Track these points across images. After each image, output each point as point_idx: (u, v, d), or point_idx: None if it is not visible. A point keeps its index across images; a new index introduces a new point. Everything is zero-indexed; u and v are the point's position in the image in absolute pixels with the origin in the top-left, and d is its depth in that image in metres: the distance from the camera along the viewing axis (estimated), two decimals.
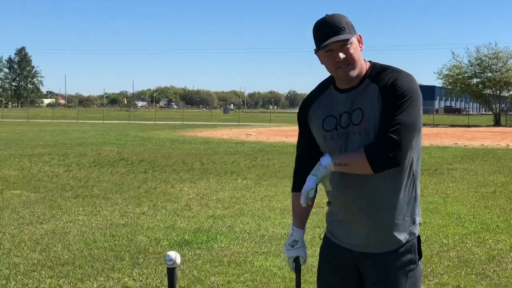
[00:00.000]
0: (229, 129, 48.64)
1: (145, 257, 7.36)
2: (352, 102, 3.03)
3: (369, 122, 2.94)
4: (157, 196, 12.17)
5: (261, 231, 8.84)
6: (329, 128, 3.08)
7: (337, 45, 2.96)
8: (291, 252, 3.31)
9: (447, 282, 6.40)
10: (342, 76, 3.02)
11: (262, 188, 13.49)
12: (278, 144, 29.55)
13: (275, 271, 6.77)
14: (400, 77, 2.97)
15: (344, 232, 3.15)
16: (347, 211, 3.08)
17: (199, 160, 20.33)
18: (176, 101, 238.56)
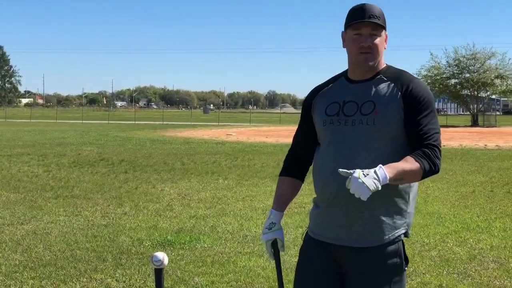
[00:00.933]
0: (209, 129, 48.59)
1: (128, 258, 7.33)
2: (362, 93, 3.07)
3: (380, 115, 2.99)
4: (138, 196, 12.13)
5: (243, 231, 8.84)
6: (331, 113, 3.11)
7: (369, 30, 3.03)
8: (268, 235, 3.28)
9: (430, 281, 6.45)
10: (361, 62, 3.06)
11: (244, 188, 13.50)
12: (258, 144, 29.57)
13: (259, 271, 6.78)
14: (421, 84, 3.08)
15: (326, 225, 3.11)
16: (335, 199, 3.02)
17: (180, 160, 20.30)
18: (155, 101, 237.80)
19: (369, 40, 3.03)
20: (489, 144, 30.40)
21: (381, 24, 3.03)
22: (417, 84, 3.06)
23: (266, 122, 68.27)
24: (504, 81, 62.54)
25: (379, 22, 3.02)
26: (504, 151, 25.47)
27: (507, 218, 9.98)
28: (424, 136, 2.97)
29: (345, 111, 3.07)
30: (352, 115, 3.04)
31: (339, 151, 3.05)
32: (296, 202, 11.00)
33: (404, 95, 3.02)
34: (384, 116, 2.99)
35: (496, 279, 6.53)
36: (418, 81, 3.10)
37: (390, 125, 3.00)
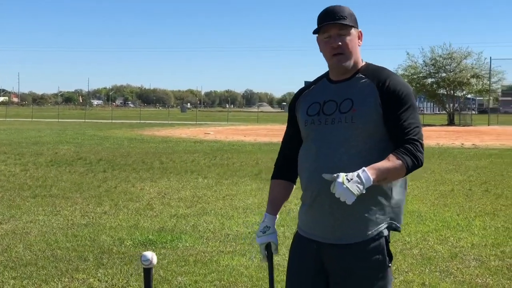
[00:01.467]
0: (187, 128, 48.45)
1: (110, 257, 7.27)
2: (342, 92, 3.11)
3: (357, 112, 3.02)
4: (118, 195, 12.05)
5: (225, 230, 8.81)
6: (312, 113, 3.16)
7: (336, 31, 3.08)
8: (262, 239, 3.32)
9: (412, 279, 6.47)
10: (334, 64, 3.13)
11: (224, 187, 13.46)
12: (236, 143, 29.54)
13: (242, 270, 6.75)
14: (399, 79, 3.10)
15: (311, 223, 3.15)
16: (318, 198, 3.07)
17: (159, 159, 20.21)
18: (132, 99, 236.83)
19: (338, 40, 3.08)
20: (465, 143, 30.63)
21: (349, 23, 3.08)
22: (394, 79, 3.09)
23: (244, 121, 68.22)
24: (479, 80, 63.04)
25: (345, 22, 3.06)
26: (480, 150, 25.66)
27: (487, 217, 10.04)
28: (405, 131, 2.98)
29: (325, 111, 3.12)
30: (331, 114, 3.09)
31: (319, 149, 3.09)
32: None
33: (381, 91, 3.04)
34: (361, 113, 3.02)
35: (478, 277, 6.56)
36: (396, 77, 3.12)
37: (368, 122, 3.02)
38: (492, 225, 9.37)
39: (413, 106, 3.05)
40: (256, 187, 13.41)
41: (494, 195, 12.53)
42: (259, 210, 10.49)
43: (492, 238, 8.42)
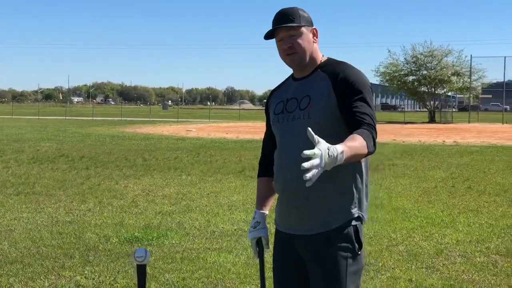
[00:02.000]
0: (169, 125, 48.29)
1: (96, 255, 7.23)
2: (302, 89, 3.22)
3: (314, 108, 3.12)
4: (101, 193, 12.00)
5: (211, 227, 8.80)
6: (278, 112, 3.29)
7: (285, 33, 3.18)
8: (253, 233, 3.40)
9: (399, 275, 6.49)
10: (288, 63, 3.25)
11: (208, 184, 13.45)
12: (219, 140, 29.52)
13: (229, 267, 6.75)
14: (353, 71, 3.16)
15: (282, 216, 3.28)
16: (285, 192, 3.20)
17: (141, 156, 20.14)
18: (113, 97, 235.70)
19: (289, 41, 3.17)
20: (447, 140, 30.79)
21: (297, 24, 3.16)
22: (348, 71, 3.15)
23: (226, 118, 68.13)
24: (460, 78, 63.45)
25: (292, 24, 3.15)
26: (462, 147, 25.82)
27: (470, 213, 10.11)
28: (359, 118, 3.00)
29: (287, 108, 3.25)
30: (293, 111, 3.20)
31: (283, 146, 3.22)
32: None
33: (334, 84, 3.11)
34: (317, 109, 3.11)
35: (464, 273, 6.60)
36: (351, 69, 3.18)
37: (323, 117, 3.09)
38: (476, 221, 9.43)
39: (366, 95, 3.08)
40: (240, 184, 13.41)
41: (477, 192, 12.61)
42: (244, 207, 10.50)
43: (477, 235, 8.48)
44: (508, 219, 9.61)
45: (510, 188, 13.17)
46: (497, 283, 6.24)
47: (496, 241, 8.14)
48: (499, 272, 6.66)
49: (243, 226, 8.86)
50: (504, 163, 18.92)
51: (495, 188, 13.22)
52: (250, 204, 10.80)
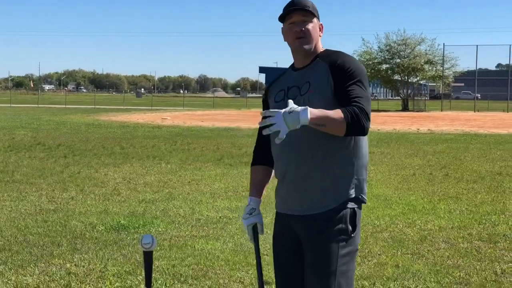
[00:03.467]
0: (143, 113, 48.07)
1: (83, 243, 7.24)
2: (302, 77, 3.34)
3: (314, 93, 3.24)
4: (82, 181, 11.97)
5: (196, 215, 8.84)
6: (278, 100, 3.39)
7: (300, 17, 3.31)
8: (249, 220, 3.49)
9: (386, 262, 6.59)
10: (297, 46, 3.34)
11: (188, 172, 13.46)
12: (195, 128, 29.50)
13: (218, 254, 6.79)
14: (350, 58, 3.31)
15: (282, 198, 3.40)
16: (286, 174, 3.32)
17: (119, 144, 20.09)
18: (85, 84, 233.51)
19: (301, 25, 3.31)
20: (421, 128, 31.05)
21: (311, 11, 3.32)
22: (346, 58, 3.29)
23: (200, 106, 67.96)
24: (433, 66, 63.94)
25: (309, 9, 3.31)
26: (436, 135, 26.08)
27: (450, 200, 10.26)
28: (352, 99, 3.13)
29: (289, 95, 3.34)
30: (295, 98, 3.24)
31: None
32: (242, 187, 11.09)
33: (332, 70, 3.24)
34: (317, 94, 3.23)
35: (449, 259, 6.72)
36: (348, 57, 3.32)
37: (322, 101, 3.18)
38: (456, 208, 9.58)
39: (361, 82, 3.22)
40: (221, 172, 13.45)
41: (454, 179, 12.78)
42: (226, 195, 10.55)
43: (458, 221, 8.61)
44: (487, 206, 9.77)
45: (486, 175, 13.36)
46: (482, 268, 6.36)
47: (477, 227, 8.28)
48: (483, 257, 6.78)
49: (228, 214, 8.91)
50: (478, 150, 19.16)
51: (472, 175, 13.41)
52: (232, 192, 10.85)
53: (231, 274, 6.11)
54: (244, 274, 6.10)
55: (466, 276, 6.11)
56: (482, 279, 6.03)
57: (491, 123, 36.93)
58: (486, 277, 6.09)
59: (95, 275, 6.03)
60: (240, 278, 5.98)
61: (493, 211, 9.35)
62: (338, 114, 3.02)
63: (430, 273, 6.18)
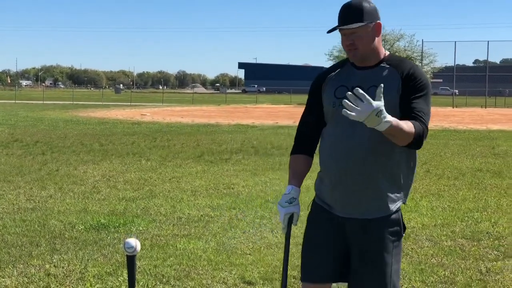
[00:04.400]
0: (123, 109, 47.77)
1: (63, 243, 7.10)
2: (367, 79, 3.33)
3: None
4: (61, 179, 11.80)
5: (177, 213, 8.72)
6: (340, 96, 3.29)
7: (348, 31, 3.30)
8: (288, 209, 3.44)
9: None
10: (350, 57, 3.39)
11: (168, 169, 13.34)
12: (175, 124, 29.34)
13: (200, 254, 6.69)
14: (419, 69, 3.37)
15: (334, 200, 3.41)
16: (345, 177, 3.32)
17: (98, 141, 19.89)
18: (62, 80, 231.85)
19: (350, 38, 3.30)
20: None
21: (358, 25, 3.25)
22: (416, 69, 3.34)
23: (179, 102, 67.73)
24: (412, 62, 64.12)
25: (353, 26, 3.25)
26: None
27: (432, 197, 10.24)
28: (416, 114, 3.23)
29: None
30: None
31: (344, 131, 3.30)
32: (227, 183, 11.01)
33: (403, 79, 3.29)
34: (385, 100, 3.14)
35: (433, 257, 6.67)
36: (418, 67, 3.38)
37: (389, 107, 3.13)
38: (438, 205, 9.55)
39: (427, 96, 3.30)
40: (201, 170, 13.34)
41: (435, 175, 12.78)
42: (208, 192, 10.45)
43: (441, 219, 8.58)
44: (469, 203, 9.76)
45: (467, 172, 13.38)
46: (467, 267, 6.32)
47: (460, 224, 8.25)
48: (467, 256, 6.74)
49: (209, 212, 8.81)
50: (458, 147, 19.23)
51: (453, 171, 13.42)
52: (213, 189, 10.75)
53: (214, 274, 6.01)
54: (227, 274, 6.01)
55: (451, 275, 6.06)
56: (468, 278, 5.99)
57: (470, 119, 37.16)
58: (471, 276, 6.05)
59: (75, 277, 5.91)
60: (223, 279, 5.88)
61: (475, 208, 9.33)
62: (410, 129, 3.10)
63: (415, 272, 6.13)
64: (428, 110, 3.27)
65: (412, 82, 3.27)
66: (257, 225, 8.05)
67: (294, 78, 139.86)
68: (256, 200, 9.73)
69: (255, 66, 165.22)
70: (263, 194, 10.30)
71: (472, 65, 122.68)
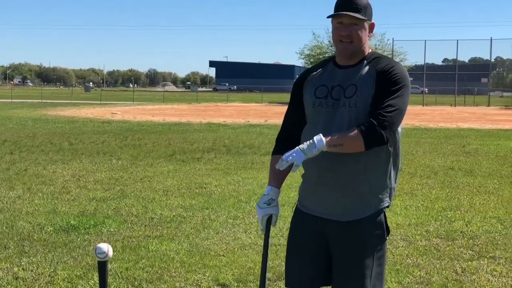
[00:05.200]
0: (93, 107, 47.30)
1: (31, 245, 6.93)
2: (347, 78, 3.29)
3: (360, 97, 3.21)
4: (29, 178, 11.57)
5: (149, 214, 8.58)
6: (320, 96, 3.32)
7: (349, 20, 3.23)
8: (266, 210, 3.40)
9: None
10: (340, 49, 3.30)
11: (139, 169, 13.17)
12: (146, 123, 29.10)
13: (173, 255, 6.56)
14: (397, 65, 3.28)
15: (314, 201, 3.37)
16: (324, 178, 3.28)
17: (67, 140, 19.63)
18: (31, 78, 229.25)
19: (349, 29, 3.24)
20: None
21: (362, 16, 3.23)
22: (393, 65, 3.27)
23: (150, 101, 67.29)
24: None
25: (359, 15, 3.21)
26: None
27: (405, 196, 10.21)
28: (377, 106, 3.14)
29: (333, 95, 3.30)
30: (338, 99, 3.26)
31: (325, 131, 3.19)
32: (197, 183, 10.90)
33: (378, 75, 3.22)
34: (363, 98, 3.19)
35: (409, 258, 6.62)
36: (395, 63, 3.30)
37: (367, 106, 3.18)
38: (412, 204, 9.52)
39: (401, 90, 3.19)
40: (173, 169, 13.19)
41: (408, 174, 12.77)
42: (180, 192, 10.32)
43: (415, 218, 8.54)
44: (442, 202, 9.75)
45: (439, 170, 13.40)
46: (442, 267, 6.28)
47: (434, 224, 8.22)
48: (442, 256, 6.71)
49: (182, 212, 8.68)
50: (429, 145, 19.29)
51: (425, 170, 13.43)
52: (186, 189, 10.62)
53: (188, 276, 5.90)
54: (201, 276, 5.89)
55: (427, 276, 6.02)
56: (443, 278, 5.95)
57: (440, 117, 37.40)
58: (447, 276, 6.01)
59: (44, 280, 5.75)
60: (197, 281, 5.77)
61: (448, 207, 9.32)
62: (352, 131, 3.07)
63: (391, 273, 6.07)
64: (399, 103, 3.16)
65: (386, 78, 3.19)
66: (230, 225, 7.95)
67: (265, 77, 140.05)
68: (228, 200, 9.62)
69: (226, 65, 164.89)
70: (236, 193, 10.19)
71: (441, 63, 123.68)
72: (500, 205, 9.51)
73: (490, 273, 6.12)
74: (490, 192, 10.65)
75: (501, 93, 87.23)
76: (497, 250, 6.95)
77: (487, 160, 15.29)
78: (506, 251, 6.94)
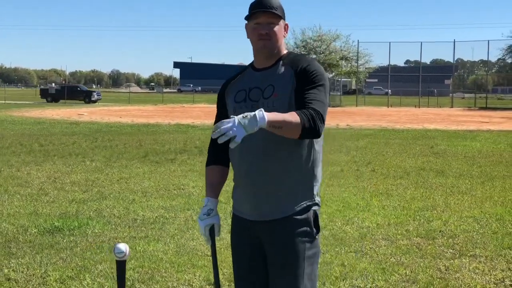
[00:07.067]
0: (58, 108, 46.84)
1: (18, 246, 6.93)
2: (265, 79, 3.30)
3: (278, 97, 3.21)
4: (5, 180, 11.50)
5: (131, 215, 8.61)
6: (239, 100, 3.34)
7: (265, 19, 3.27)
8: (206, 221, 3.39)
9: (331, 261, 6.57)
10: (260, 48, 3.30)
11: (115, 170, 13.15)
12: (114, 124, 28.95)
13: (161, 256, 6.62)
14: (314, 63, 3.30)
15: (241, 203, 3.38)
16: (246, 178, 3.28)
17: (37, 141, 19.49)
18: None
19: (266, 28, 3.28)
20: (340, 123, 31.37)
21: (279, 14, 3.28)
22: (309, 63, 3.28)
23: (115, 102, 66.83)
24: (348, 62, 64.97)
25: (276, 12, 3.27)
26: (356, 131, 26.43)
27: (382, 196, 10.38)
28: (308, 102, 3.12)
29: (251, 97, 3.30)
30: (257, 100, 3.26)
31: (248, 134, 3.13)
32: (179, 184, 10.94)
33: (296, 74, 3.24)
34: (281, 98, 3.22)
35: (392, 257, 6.76)
36: (313, 62, 3.32)
37: (286, 105, 3.18)
38: (389, 204, 9.69)
39: (322, 87, 3.22)
40: (148, 170, 13.20)
41: (381, 175, 12.96)
42: (159, 193, 10.36)
43: (394, 218, 8.70)
44: (418, 202, 9.93)
45: (411, 171, 13.61)
46: (426, 266, 6.43)
47: (413, 223, 8.39)
48: (424, 254, 6.86)
49: (164, 213, 8.73)
50: (398, 146, 19.54)
51: (398, 170, 13.63)
52: (164, 190, 10.66)
53: (179, 276, 5.96)
54: (192, 276, 5.97)
55: (412, 274, 6.16)
56: (428, 276, 6.10)
57: (406, 118, 37.81)
58: (432, 274, 6.16)
59: (37, 281, 5.77)
60: (188, 281, 5.84)
61: (425, 207, 9.50)
62: (294, 117, 2.99)
63: (377, 271, 6.21)
64: (322, 98, 3.17)
65: (305, 75, 3.21)
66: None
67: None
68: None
69: (190, 66, 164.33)
70: None
71: (404, 65, 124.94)
72: (474, 205, 9.72)
73: (473, 271, 6.29)
74: (463, 192, 10.87)
75: (462, 94, 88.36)
76: (477, 249, 7.14)
77: (456, 161, 15.55)
78: (485, 249, 7.12)
